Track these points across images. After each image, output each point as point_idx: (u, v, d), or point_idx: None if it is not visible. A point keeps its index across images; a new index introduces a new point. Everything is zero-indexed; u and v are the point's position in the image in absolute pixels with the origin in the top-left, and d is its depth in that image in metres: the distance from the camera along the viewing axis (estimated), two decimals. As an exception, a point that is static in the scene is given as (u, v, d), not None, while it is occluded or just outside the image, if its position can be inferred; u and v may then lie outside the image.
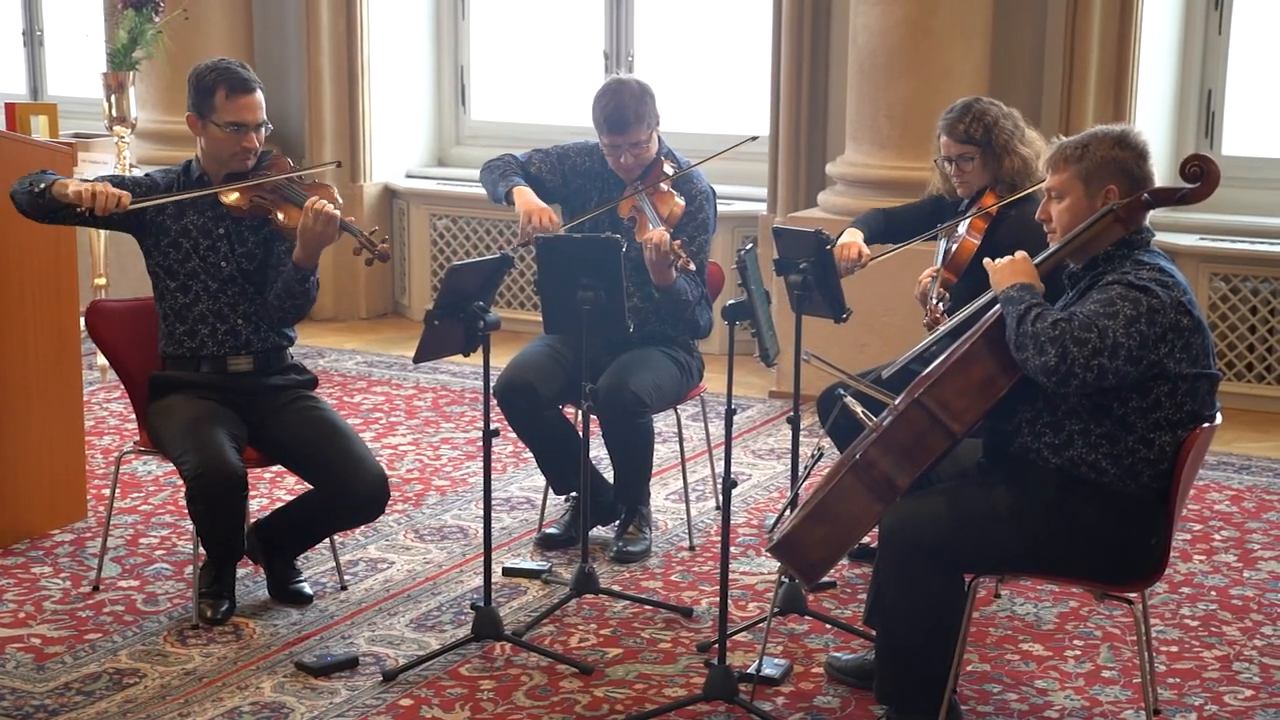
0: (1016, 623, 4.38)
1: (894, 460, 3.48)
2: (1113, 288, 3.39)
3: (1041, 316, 3.37)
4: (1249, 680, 4.06)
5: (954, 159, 4.57)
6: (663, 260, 4.58)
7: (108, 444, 5.91)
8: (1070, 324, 3.34)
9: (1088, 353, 3.31)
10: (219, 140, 4.37)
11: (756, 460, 5.82)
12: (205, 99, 4.36)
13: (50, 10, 9.24)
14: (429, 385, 6.78)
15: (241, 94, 4.35)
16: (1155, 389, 3.42)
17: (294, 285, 4.32)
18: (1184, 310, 3.39)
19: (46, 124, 7.05)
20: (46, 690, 3.94)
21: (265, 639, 4.24)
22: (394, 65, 8.08)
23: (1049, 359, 3.32)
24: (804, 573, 3.62)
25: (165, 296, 4.42)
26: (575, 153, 4.96)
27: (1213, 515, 5.25)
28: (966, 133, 4.53)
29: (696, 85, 7.67)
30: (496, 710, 3.87)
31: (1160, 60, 6.59)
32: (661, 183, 4.75)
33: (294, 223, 4.29)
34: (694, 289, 4.77)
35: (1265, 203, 6.62)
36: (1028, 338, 3.36)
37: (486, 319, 4.02)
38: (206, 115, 4.36)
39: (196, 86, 4.38)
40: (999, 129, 4.52)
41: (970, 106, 4.58)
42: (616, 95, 4.75)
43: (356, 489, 4.26)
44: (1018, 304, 3.42)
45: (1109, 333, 3.32)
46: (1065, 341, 3.31)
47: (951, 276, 4.46)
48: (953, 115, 4.58)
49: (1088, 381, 3.33)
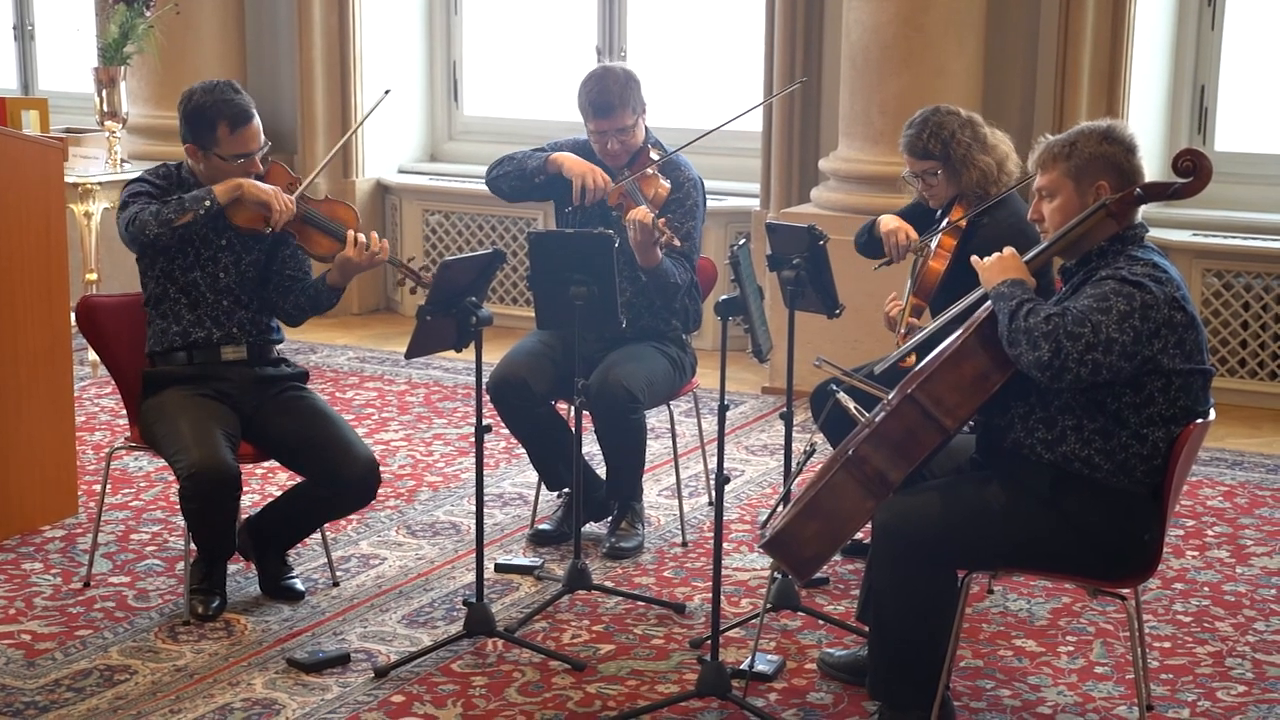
0: (1009, 618, 4.38)
1: (886, 456, 3.47)
2: (1106, 283, 3.39)
3: (1034, 312, 3.36)
4: (1241, 676, 4.06)
5: (919, 175, 4.56)
6: (647, 238, 4.58)
7: (99, 439, 5.89)
8: (1063, 319, 3.33)
9: (1081, 347, 3.30)
10: (223, 170, 4.34)
11: (749, 456, 5.82)
12: (206, 133, 4.31)
13: (41, 5, 9.21)
14: (421, 381, 6.77)
15: (244, 126, 4.32)
16: (1149, 384, 3.41)
17: (323, 302, 4.46)
18: (1178, 306, 3.39)
19: (38, 119, 7.03)
20: (37, 687, 3.93)
21: (257, 635, 4.23)
22: (386, 60, 8.06)
23: (1042, 354, 3.31)
24: (796, 569, 3.61)
25: (159, 302, 4.40)
26: (565, 149, 4.96)
27: (1205, 511, 5.25)
28: (925, 148, 4.49)
29: (689, 80, 7.66)
30: (489, 706, 3.86)
31: (1153, 56, 6.59)
32: (648, 168, 4.77)
33: (321, 250, 4.39)
34: (682, 273, 4.77)
35: (1258, 198, 6.62)
36: (1020, 333, 3.35)
37: (479, 315, 4.01)
38: (209, 148, 4.33)
39: (194, 119, 4.32)
40: (956, 142, 4.46)
41: (927, 120, 4.51)
42: (602, 80, 4.78)
43: (347, 474, 4.26)
44: (1009, 300, 3.42)
45: (1102, 328, 3.31)
46: (1059, 336, 3.31)
47: (921, 302, 4.45)
48: (911, 132, 4.52)
49: (1081, 376, 3.32)
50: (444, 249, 7.94)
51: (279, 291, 4.48)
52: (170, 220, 4.23)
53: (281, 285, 4.48)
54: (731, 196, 7.29)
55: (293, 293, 4.47)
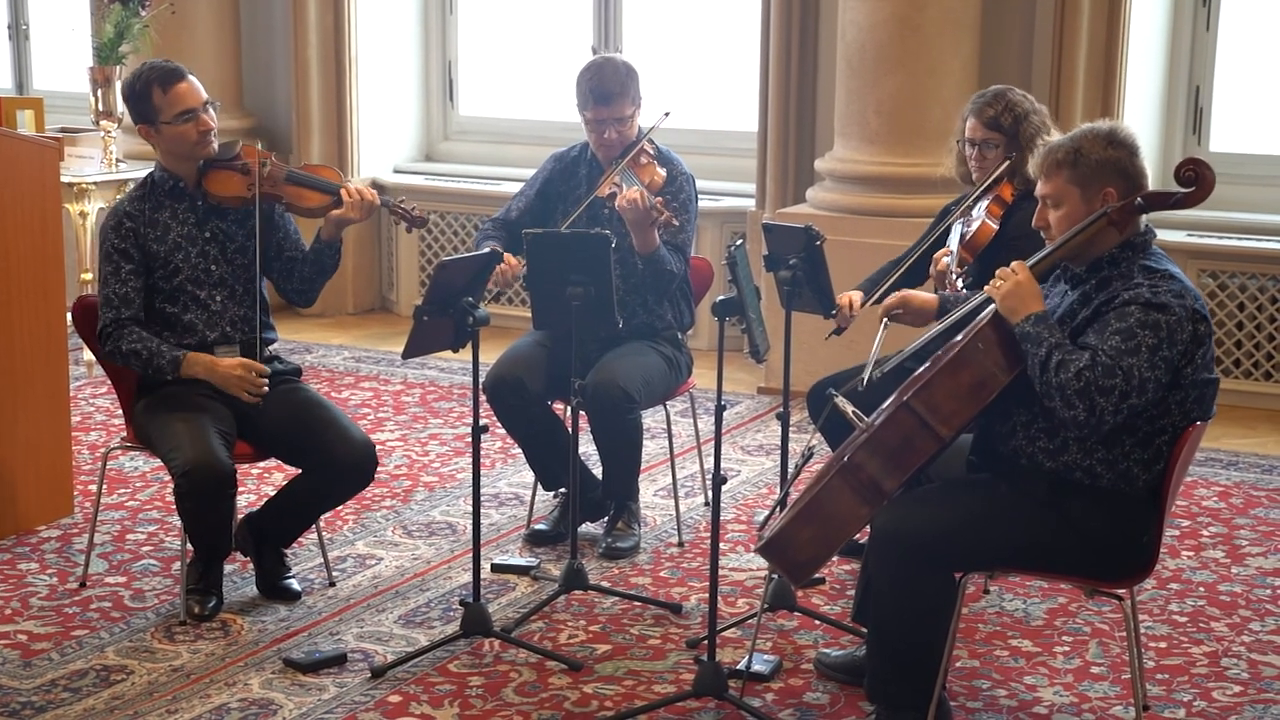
0: (1005, 619, 4.38)
1: (882, 463, 3.46)
2: (1130, 313, 3.34)
3: (1064, 365, 3.31)
4: (1237, 676, 4.06)
5: (978, 143, 4.53)
6: (643, 217, 4.58)
7: (94, 439, 5.89)
8: (1094, 371, 3.29)
9: (1115, 399, 3.28)
10: (176, 135, 4.35)
11: (746, 456, 5.82)
12: (145, 104, 4.35)
13: (36, 4, 9.20)
14: (417, 381, 6.77)
15: (176, 83, 4.34)
16: (1169, 398, 3.41)
17: (326, 263, 4.47)
18: (1200, 318, 3.37)
19: (32, 118, 7.02)
20: (33, 687, 3.93)
21: (253, 635, 4.23)
22: (382, 60, 8.06)
23: (1078, 414, 3.30)
24: (791, 573, 3.61)
25: (149, 309, 4.39)
26: (548, 168, 5.03)
27: (1201, 511, 5.26)
28: (996, 119, 4.48)
29: (685, 80, 7.65)
30: (485, 707, 3.86)
31: (1148, 57, 6.59)
32: (641, 156, 4.78)
33: (310, 204, 4.41)
34: (677, 263, 4.77)
35: (1253, 199, 6.62)
36: (1053, 388, 3.32)
37: (475, 315, 4.01)
38: (154, 120, 4.35)
39: (132, 98, 4.38)
40: (1028, 122, 4.46)
41: (1003, 95, 4.51)
42: (603, 69, 4.82)
43: (343, 457, 4.26)
44: (1037, 344, 3.37)
45: (1134, 371, 3.29)
46: (1091, 394, 3.28)
47: (969, 256, 4.42)
48: (984, 99, 4.51)
49: (1117, 424, 3.33)
50: (440, 249, 7.94)
51: (284, 276, 4.50)
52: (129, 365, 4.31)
53: (285, 269, 4.50)
54: (727, 197, 7.29)
55: (296, 271, 4.48)
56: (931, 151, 6.31)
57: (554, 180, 4.99)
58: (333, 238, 4.45)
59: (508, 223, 4.95)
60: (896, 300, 3.99)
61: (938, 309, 3.96)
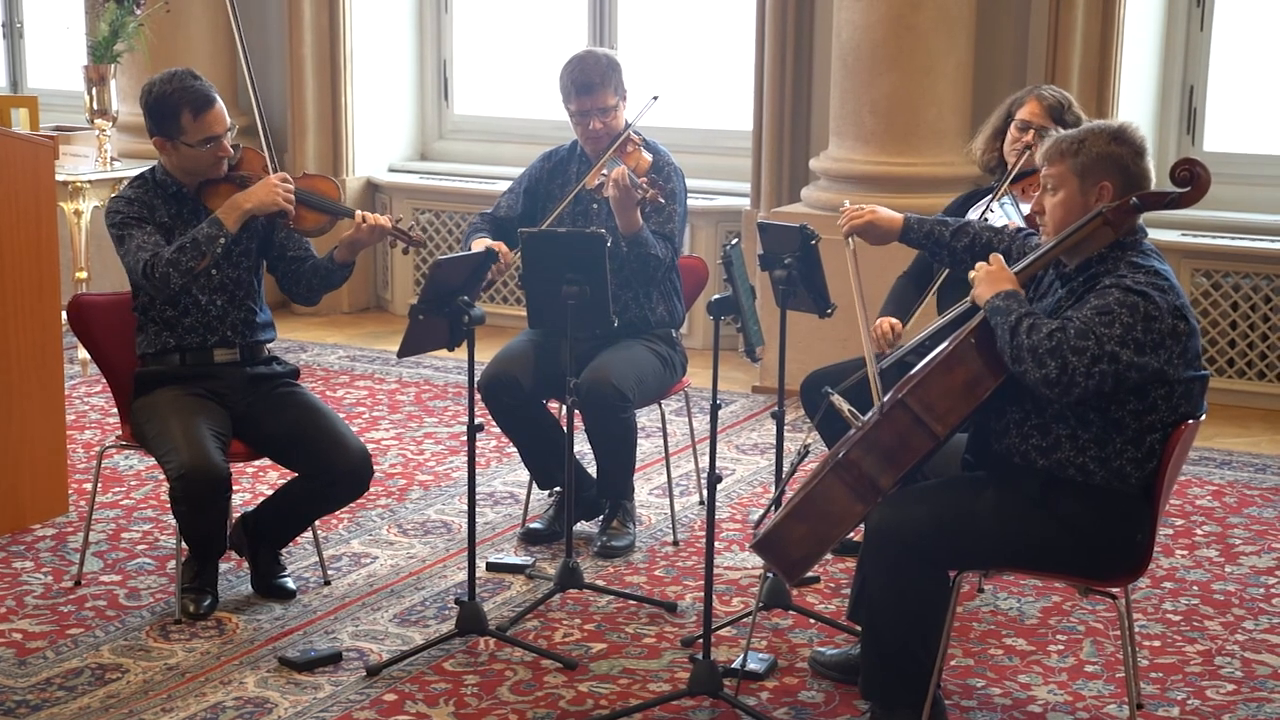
0: (1000, 617, 4.39)
1: (877, 461, 3.47)
2: (1110, 293, 3.36)
3: (1035, 328, 3.34)
4: (1231, 675, 4.07)
5: (1033, 126, 4.56)
6: (627, 196, 4.59)
7: (89, 438, 5.88)
8: (1066, 333, 3.31)
9: (1087, 361, 3.28)
10: (194, 157, 4.33)
11: (740, 455, 5.82)
12: (170, 123, 4.30)
13: (31, 2, 9.19)
14: (412, 380, 6.77)
15: (208, 110, 4.30)
16: (1153, 393, 3.41)
17: (335, 279, 4.48)
18: (1180, 315, 3.38)
19: (27, 117, 7.02)
20: (28, 686, 3.93)
21: (248, 634, 4.23)
22: (377, 59, 8.06)
23: (1049, 371, 3.30)
24: (785, 570, 3.62)
25: (148, 309, 4.39)
26: (538, 165, 5.05)
27: (1194, 510, 5.27)
28: (1059, 109, 4.56)
29: (680, 80, 7.65)
30: (480, 705, 3.86)
31: (1142, 56, 6.60)
32: (627, 145, 4.79)
33: (309, 225, 4.41)
34: (663, 249, 4.77)
35: (1247, 199, 6.63)
36: (1024, 350, 3.33)
37: (471, 314, 4.01)
38: (175, 138, 4.32)
39: (157, 111, 4.31)
40: (1078, 121, 4.52)
41: (1068, 95, 4.65)
42: (584, 61, 4.85)
43: (339, 465, 4.26)
44: (1006, 314, 3.39)
45: (1106, 340, 3.29)
46: (1063, 352, 3.29)
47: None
48: (1050, 88, 4.63)
49: (1090, 389, 3.31)
50: (435, 248, 7.94)
51: (288, 277, 4.50)
52: (192, 269, 4.22)
53: (289, 270, 4.49)
54: (722, 196, 7.29)
55: (303, 274, 4.48)
56: (927, 151, 6.33)
57: (543, 178, 5.00)
58: (346, 260, 4.45)
59: (496, 219, 4.97)
60: (864, 222, 3.97)
61: (902, 228, 3.94)
